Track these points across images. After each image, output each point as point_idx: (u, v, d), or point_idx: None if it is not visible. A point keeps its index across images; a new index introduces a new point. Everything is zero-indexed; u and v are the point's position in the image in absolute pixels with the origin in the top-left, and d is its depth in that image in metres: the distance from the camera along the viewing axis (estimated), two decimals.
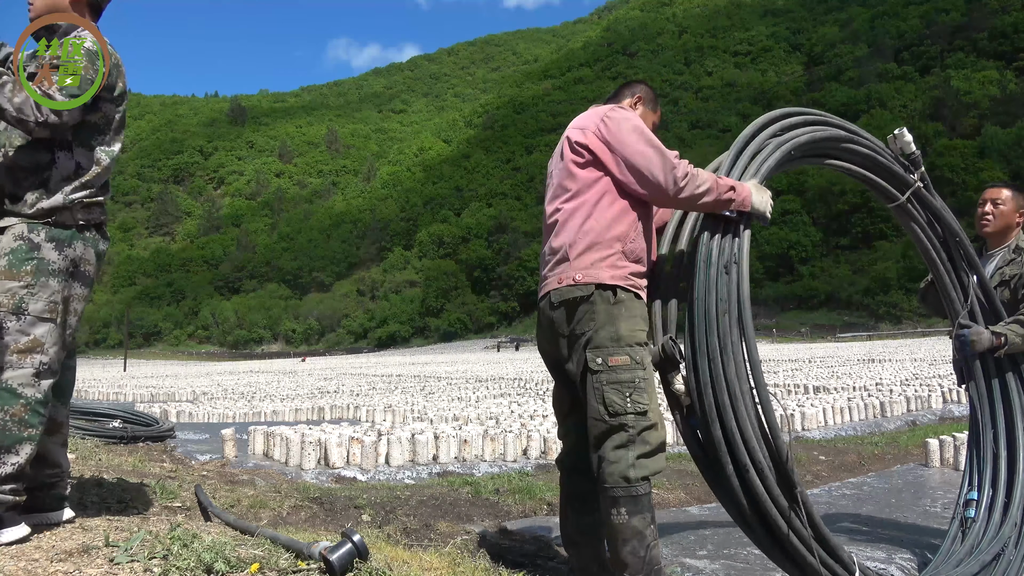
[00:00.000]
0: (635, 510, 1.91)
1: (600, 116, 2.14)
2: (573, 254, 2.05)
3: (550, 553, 2.84)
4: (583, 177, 2.10)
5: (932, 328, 48.24)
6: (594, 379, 1.98)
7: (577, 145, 2.12)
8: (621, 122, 2.10)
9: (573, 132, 2.17)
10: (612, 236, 2.05)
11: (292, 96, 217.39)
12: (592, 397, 1.98)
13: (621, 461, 1.93)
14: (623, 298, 2.02)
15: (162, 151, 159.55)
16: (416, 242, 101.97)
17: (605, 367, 1.97)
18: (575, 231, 2.07)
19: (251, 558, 1.87)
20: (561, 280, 2.06)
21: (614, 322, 2.00)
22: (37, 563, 1.72)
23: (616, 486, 1.92)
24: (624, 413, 1.94)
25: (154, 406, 12.35)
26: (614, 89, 2.46)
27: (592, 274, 2.02)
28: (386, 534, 2.97)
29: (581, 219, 2.07)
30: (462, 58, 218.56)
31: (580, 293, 2.01)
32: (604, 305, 2.00)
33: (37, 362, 1.97)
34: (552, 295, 2.08)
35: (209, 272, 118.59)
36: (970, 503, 2.63)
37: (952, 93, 74.01)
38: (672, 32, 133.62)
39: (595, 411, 1.98)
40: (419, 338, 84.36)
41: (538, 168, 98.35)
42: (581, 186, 2.10)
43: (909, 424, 7.92)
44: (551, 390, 14.12)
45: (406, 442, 5.31)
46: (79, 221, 2.09)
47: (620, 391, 1.95)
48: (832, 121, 2.54)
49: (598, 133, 2.10)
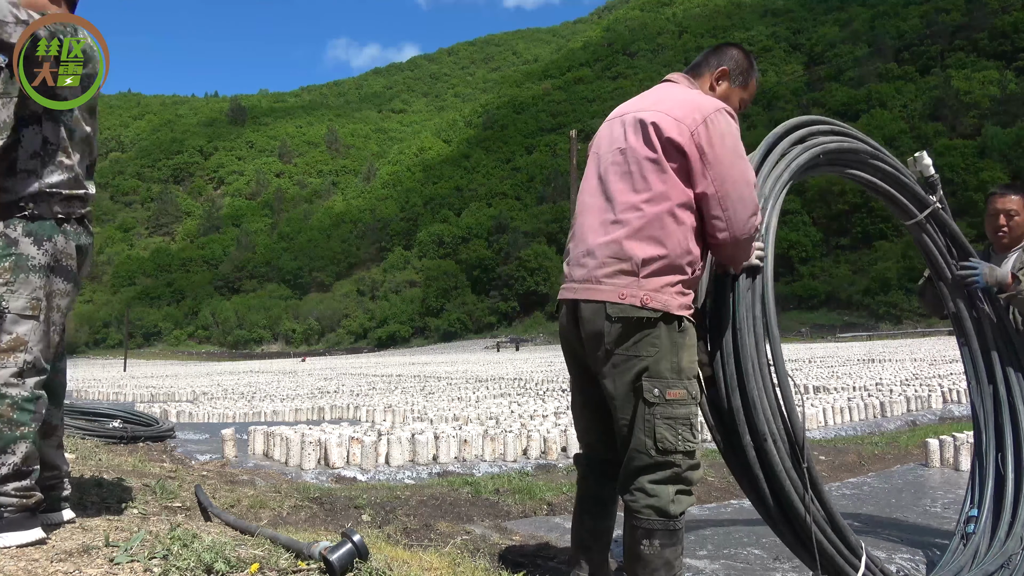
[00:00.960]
0: (669, 543, 1.84)
1: (704, 116, 1.87)
2: (645, 271, 1.84)
3: (550, 553, 2.84)
4: (672, 179, 1.86)
5: (932, 328, 48.26)
6: (646, 410, 1.84)
7: (669, 143, 1.86)
8: (724, 136, 1.86)
9: (666, 122, 1.88)
10: (686, 261, 1.87)
11: (292, 96, 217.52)
12: (639, 429, 1.85)
13: (661, 496, 1.83)
14: (686, 327, 1.88)
15: (162, 151, 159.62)
16: (416, 242, 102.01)
17: (662, 400, 1.83)
18: (654, 243, 1.85)
19: (251, 558, 1.87)
20: (623, 296, 1.85)
21: (677, 352, 1.85)
22: (37, 563, 1.72)
23: (652, 519, 1.83)
24: (674, 451, 1.83)
25: (154, 406, 12.35)
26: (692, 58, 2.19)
27: (660, 300, 1.84)
28: (386, 534, 2.96)
29: (662, 231, 1.85)
30: (462, 58, 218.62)
31: (645, 316, 1.83)
32: (668, 333, 1.85)
33: (20, 361, 1.92)
34: (609, 308, 1.86)
35: (209, 272, 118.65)
36: (971, 519, 2.62)
37: (952, 93, 74.05)
38: (672, 32, 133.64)
39: (640, 443, 1.85)
40: (419, 338, 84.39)
41: (538, 168, 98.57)
42: (666, 189, 1.86)
43: (909, 424, 7.92)
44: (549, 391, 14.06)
45: (406, 442, 5.32)
46: (57, 214, 2.02)
47: (673, 428, 1.83)
48: (858, 135, 2.56)
49: (696, 137, 1.85)
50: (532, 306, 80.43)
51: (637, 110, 1.98)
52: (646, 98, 2.04)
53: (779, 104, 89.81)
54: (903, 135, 71.87)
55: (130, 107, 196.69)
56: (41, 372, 1.99)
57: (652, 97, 2.03)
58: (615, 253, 1.88)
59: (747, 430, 1.99)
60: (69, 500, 2.24)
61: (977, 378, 2.83)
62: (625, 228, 1.87)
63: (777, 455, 1.98)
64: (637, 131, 1.93)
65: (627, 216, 1.88)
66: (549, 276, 78.42)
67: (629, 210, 1.88)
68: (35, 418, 1.95)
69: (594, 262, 1.92)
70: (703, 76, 2.11)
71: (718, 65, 2.10)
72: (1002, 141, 64.04)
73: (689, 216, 1.87)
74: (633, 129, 1.94)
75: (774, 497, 2.02)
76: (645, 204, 1.86)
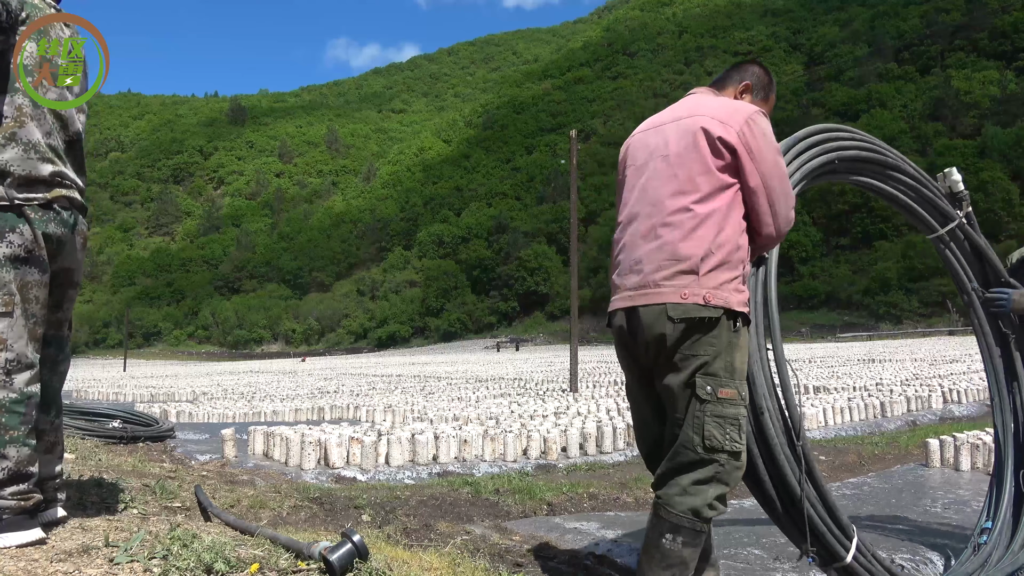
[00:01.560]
0: (691, 542, 1.86)
1: (745, 117, 1.94)
2: (704, 269, 1.87)
3: (550, 553, 2.84)
4: (719, 179, 1.91)
5: (932, 328, 48.28)
6: (697, 407, 1.86)
7: (719, 142, 1.91)
8: (766, 135, 1.95)
9: (712, 124, 1.93)
10: (739, 257, 1.91)
11: (292, 96, 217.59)
12: (688, 425, 1.87)
13: (698, 496, 1.85)
14: (740, 328, 1.91)
15: (162, 151, 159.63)
16: (416, 242, 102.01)
17: (714, 398, 1.85)
18: (709, 242, 1.88)
19: (251, 558, 1.87)
20: (685, 295, 1.87)
21: (732, 351, 1.89)
22: (37, 563, 1.72)
23: (683, 516, 1.85)
24: (720, 450, 1.85)
25: (154, 406, 12.35)
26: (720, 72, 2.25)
27: (722, 296, 1.87)
28: (386, 534, 2.96)
29: (715, 229, 1.89)
30: (462, 58, 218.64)
31: (708, 315, 1.85)
32: (727, 332, 1.88)
33: (3, 360, 1.87)
34: (671, 309, 1.87)
35: (209, 272, 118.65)
36: (985, 531, 2.61)
37: (952, 93, 74.04)
38: (672, 32, 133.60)
39: (688, 439, 1.87)
40: (419, 338, 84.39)
41: (538, 168, 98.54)
42: (715, 189, 1.91)
43: (909, 424, 7.92)
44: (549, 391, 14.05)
45: (406, 442, 5.32)
46: (15, 199, 1.88)
47: (722, 426, 1.85)
48: (880, 145, 2.55)
49: (742, 136, 1.91)
50: (532, 306, 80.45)
51: (676, 119, 2.04)
52: (680, 108, 2.09)
53: (779, 104, 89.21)
54: (903, 135, 71.82)
55: (130, 107, 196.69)
56: (29, 366, 1.93)
57: (686, 106, 2.08)
58: (671, 255, 1.90)
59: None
60: (63, 501, 2.20)
61: (1000, 395, 2.80)
62: (678, 230, 1.91)
63: (773, 430, 2.01)
64: (683, 137, 1.97)
65: (678, 218, 1.91)
66: (549, 276, 78.45)
67: (679, 212, 1.92)
68: (25, 420, 1.90)
69: (650, 267, 1.94)
70: (727, 90, 2.18)
71: (741, 80, 2.18)
72: (1002, 141, 64.02)
73: (737, 213, 1.93)
74: (677, 136, 1.99)
75: (769, 474, 2.04)
76: (695, 205, 1.90)
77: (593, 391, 13.24)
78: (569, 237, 16.15)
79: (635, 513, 3.84)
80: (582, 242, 62.48)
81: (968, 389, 9.65)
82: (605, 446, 6.07)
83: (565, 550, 2.90)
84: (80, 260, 2.17)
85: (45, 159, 1.96)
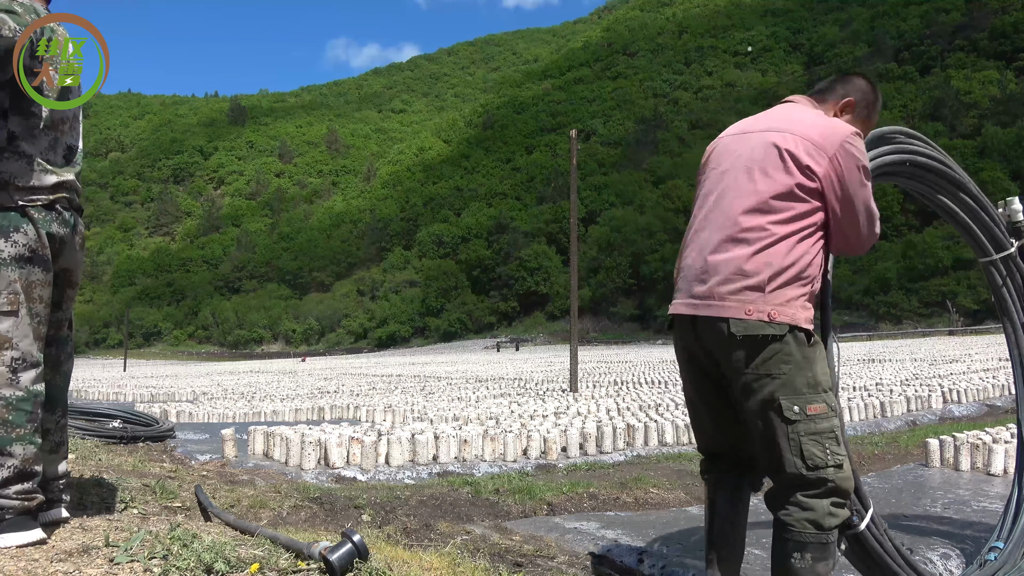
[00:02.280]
0: (821, 556, 1.82)
1: (839, 143, 1.87)
2: (771, 286, 1.83)
3: (550, 553, 2.84)
4: (799, 202, 1.87)
5: (932, 328, 48.27)
6: (789, 429, 1.82)
7: (807, 170, 1.86)
8: (859, 163, 1.89)
9: (800, 148, 1.88)
10: (809, 274, 1.88)
11: (292, 96, 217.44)
12: (786, 449, 1.83)
13: (817, 509, 1.82)
14: (815, 340, 1.89)
15: (162, 151, 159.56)
16: (416, 242, 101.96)
17: (803, 416, 1.81)
18: (780, 260, 1.84)
19: (251, 558, 1.87)
20: (750, 312, 1.83)
21: (811, 365, 1.84)
22: (37, 563, 1.72)
23: (805, 531, 1.81)
24: (825, 467, 1.81)
25: (154, 406, 12.35)
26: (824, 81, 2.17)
27: (788, 313, 1.83)
28: (386, 534, 2.96)
29: (787, 248, 1.85)
30: (462, 58, 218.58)
31: (772, 332, 1.82)
32: (799, 347, 1.84)
33: (8, 359, 1.89)
34: (734, 325, 1.84)
35: (209, 272, 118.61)
36: (994, 549, 2.60)
37: (952, 93, 74.02)
38: (672, 32, 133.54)
39: (790, 464, 1.83)
40: (419, 338, 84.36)
41: (538, 168, 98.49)
42: (793, 212, 1.86)
43: (909, 424, 7.92)
44: (549, 391, 14.03)
45: (406, 442, 5.32)
46: (18, 202, 1.92)
47: (820, 443, 1.82)
48: (951, 162, 2.55)
49: (834, 164, 1.86)
50: (532, 306, 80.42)
51: (765, 129, 1.98)
52: (772, 117, 2.03)
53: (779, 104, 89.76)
54: None
55: (130, 107, 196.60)
56: (35, 365, 1.95)
57: (777, 117, 2.02)
58: (738, 270, 1.86)
59: None
60: (65, 502, 2.21)
61: None
62: (751, 247, 1.86)
63: None
64: (768, 153, 1.92)
65: (752, 236, 1.87)
66: (549, 276, 78.41)
67: (755, 230, 1.87)
68: (31, 418, 1.92)
69: (716, 278, 1.90)
70: (827, 103, 2.10)
71: (844, 95, 2.09)
72: (1002, 141, 64.01)
73: (814, 234, 1.89)
74: (763, 150, 1.93)
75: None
76: (772, 225, 1.86)
77: (593, 391, 13.25)
78: (569, 237, 16.15)
79: (635, 513, 3.85)
80: (582, 242, 62.51)
81: (968, 389, 9.65)
82: (605, 446, 6.07)
83: (565, 550, 2.91)
84: (80, 260, 2.19)
85: (48, 167, 2.00)
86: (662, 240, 70.49)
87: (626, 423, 6.58)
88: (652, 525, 3.42)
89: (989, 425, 6.33)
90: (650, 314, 66.65)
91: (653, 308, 65.83)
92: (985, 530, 2.99)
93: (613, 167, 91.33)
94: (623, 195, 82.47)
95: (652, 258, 69.00)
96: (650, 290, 67.56)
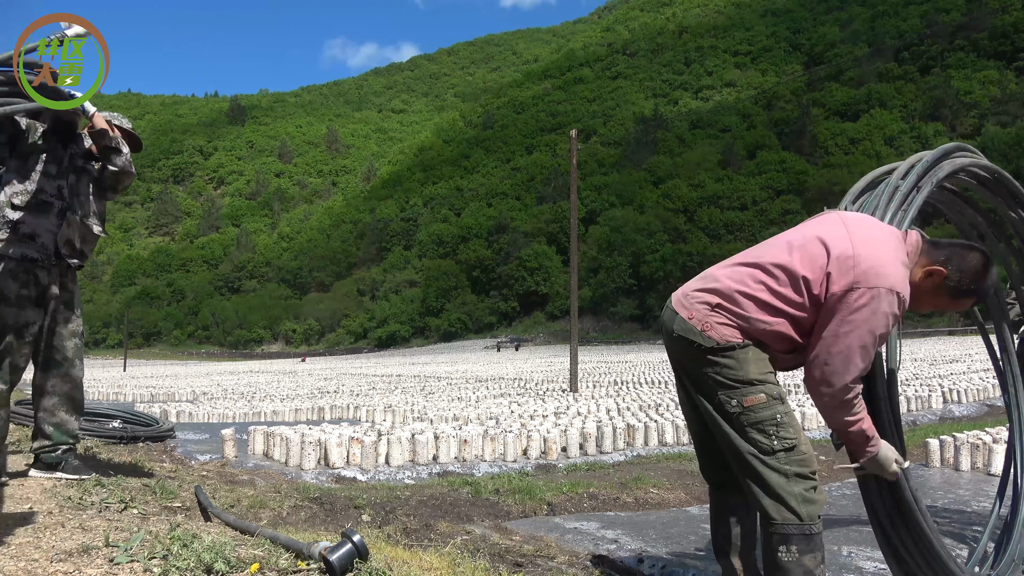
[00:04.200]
0: (807, 548, 1.82)
1: (875, 282, 1.80)
2: (721, 307, 1.93)
3: (550, 553, 2.84)
4: (797, 295, 1.88)
5: (932, 328, 48.26)
6: (734, 422, 1.90)
7: (828, 277, 1.85)
8: (864, 309, 1.81)
9: (837, 251, 1.85)
10: (753, 339, 1.92)
11: (292, 96, 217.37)
12: (736, 440, 1.91)
13: (789, 499, 1.84)
14: (746, 345, 1.91)
15: (162, 151, 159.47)
16: (416, 242, 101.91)
17: (741, 408, 1.88)
18: (745, 311, 1.90)
19: (251, 558, 1.87)
20: (690, 316, 1.96)
21: (744, 365, 1.89)
22: (37, 563, 1.72)
23: (788, 523, 1.83)
24: (773, 452, 1.86)
25: (154, 406, 12.35)
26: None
27: (720, 333, 1.91)
28: (386, 534, 2.96)
29: (760, 309, 1.91)
30: (462, 58, 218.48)
31: (700, 341, 1.91)
32: (726, 356, 1.91)
33: None
34: (677, 323, 1.98)
35: (209, 272, 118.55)
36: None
37: (952, 93, 73.99)
38: (672, 32, 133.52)
39: (745, 452, 1.90)
40: (419, 338, 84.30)
41: (538, 168, 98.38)
42: (790, 298, 1.89)
43: (909, 424, 7.92)
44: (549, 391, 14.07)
45: (406, 442, 5.31)
46: None
47: (763, 430, 1.87)
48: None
49: (851, 293, 1.81)
50: (532, 306, 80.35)
51: (839, 224, 1.93)
52: (860, 224, 1.94)
53: (779, 104, 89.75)
54: (903, 135, 71.81)
55: (130, 107, 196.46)
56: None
57: (855, 227, 1.92)
58: (712, 292, 1.96)
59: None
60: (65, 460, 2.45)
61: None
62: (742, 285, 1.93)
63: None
64: (811, 241, 1.91)
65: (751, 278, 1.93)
66: (549, 276, 78.35)
67: (758, 278, 1.93)
68: None
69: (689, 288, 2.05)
70: (923, 257, 1.94)
71: (945, 263, 1.91)
72: (1002, 141, 63.91)
73: (786, 324, 1.89)
74: (811, 237, 1.93)
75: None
76: (768, 285, 1.91)
77: (593, 391, 13.25)
78: (569, 237, 16.15)
79: (635, 513, 3.85)
80: (582, 242, 62.50)
81: (968, 389, 9.65)
82: (605, 446, 6.07)
83: (565, 550, 2.91)
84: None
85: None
86: (662, 240, 70.45)
87: (626, 423, 6.58)
88: (652, 525, 3.42)
89: (989, 425, 6.34)
90: (650, 314, 66.55)
91: (653, 308, 65.72)
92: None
93: (613, 167, 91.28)
94: (623, 195, 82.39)
95: (652, 258, 68.94)
96: (650, 290, 67.46)
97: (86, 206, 2.97)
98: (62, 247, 2.86)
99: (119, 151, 3.00)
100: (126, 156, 3.04)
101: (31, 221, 2.74)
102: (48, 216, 2.81)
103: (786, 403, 1.93)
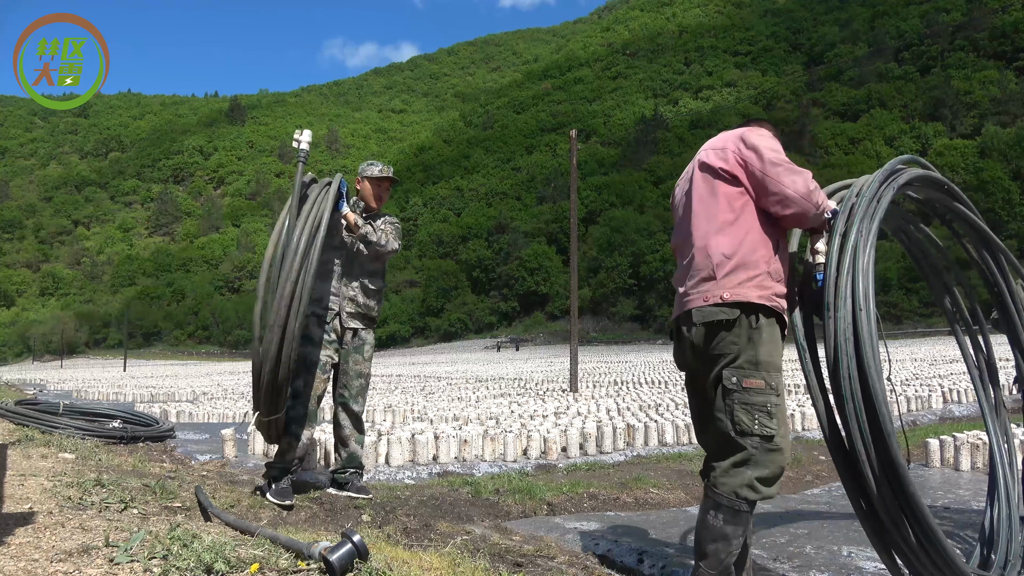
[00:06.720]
0: (732, 520, 2.01)
1: (737, 136, 2.23)
2: (720, 273, 2.08)
3: (550, 553, 2.83)
4: (731, 199, 2.15)
5: (932, 328, 48.26)
6: (726, 397, 2.03)
7: (720, 171, 2.18)
8: (754, 147, 2.18)
9: (711, 158, 2.23)
10: (759, 257, 2.09)
11: (292, 96, 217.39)
12: (722, 412, 2.05)
13: (737, 477, 2.00)
14: (762, 322, 2.05)
15: (162, 151, 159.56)
16: (416, 242, 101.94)
17: (739, 388, 2.01)
18: (723, 251, 2.10)
19: (251, 558, 1.87)
20: (707, 299, 2.08)
21: (755, 347, 2.03)
22: (37, 563, 1.72)
23: (723, 495, 2.01)
24: (750, 434, 2.00)
25: (154, 406, 12.35)
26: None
27: (740, 293, 2.04)
28: (386, 534, 2.96)
29: (729, 239, 2.11)
30: (462, 58, 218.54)
31: (726, 316, 2.04)
32: (746, 329, 2.04)
33: None
34: (695, 314, 2.10)
35: (209, 272, 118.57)
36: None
37: (952, 93, 73.98)
38: (672, 32, 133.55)
39: (724, 426, 2.04)
40: (419, 338, 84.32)
41: (538, 168, 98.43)
42: (728, 209, 2.15)
43: (909, 424, 7.92)
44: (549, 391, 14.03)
45: (406, 442, 5.31)
46: None
47: (749, 412, 2.00)
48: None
49: (736, 156, 2.19)
50: (532, 306, 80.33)
51: (698, 159, 2.30)
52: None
53: (779, 104, 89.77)
54: (903, 135, 71.80)
55: (130, 107, 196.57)
56: None
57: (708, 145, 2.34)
58: (695, 267, 2.16)
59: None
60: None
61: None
62: (701, 253, 2.18)
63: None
64: (695, 175, 2.26)
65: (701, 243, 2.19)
66: (549, 276, 78.34)
67: (702, 237, 2.20)
68: None
69: (683, 284, 2.23)
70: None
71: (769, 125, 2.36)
72: (1002, 141, 63.95)
73: (751, 220, 2.12)
74: (692, 174, 2.29)
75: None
76: (707, 225, 2.18)
77: (593, 391, 13.24)
78: (569, 237, 16.14)
79: (635, 513, 3.85)
80: (582, 242, 62.48)
81: (968, 389, 9.64)
82: (605, 446, 6.07)
83: (565, 549, 2.90)
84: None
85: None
86: (662, 240, 70.40)
87: (626, 423, 6.58)
88: (652, 525, 3.42)
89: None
90: (650, 314, 66.58)
91: (653, 308, 65.76)
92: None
93: (613, 167, 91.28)
94: (623, 195, 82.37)
95: (652, 258, 68.90)
96: (650, 290, 67.45)
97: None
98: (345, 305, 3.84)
99: (367, 240, 3.75)
100: (376, 242, 3.77)
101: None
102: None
103: (781, 397, 2.04)
